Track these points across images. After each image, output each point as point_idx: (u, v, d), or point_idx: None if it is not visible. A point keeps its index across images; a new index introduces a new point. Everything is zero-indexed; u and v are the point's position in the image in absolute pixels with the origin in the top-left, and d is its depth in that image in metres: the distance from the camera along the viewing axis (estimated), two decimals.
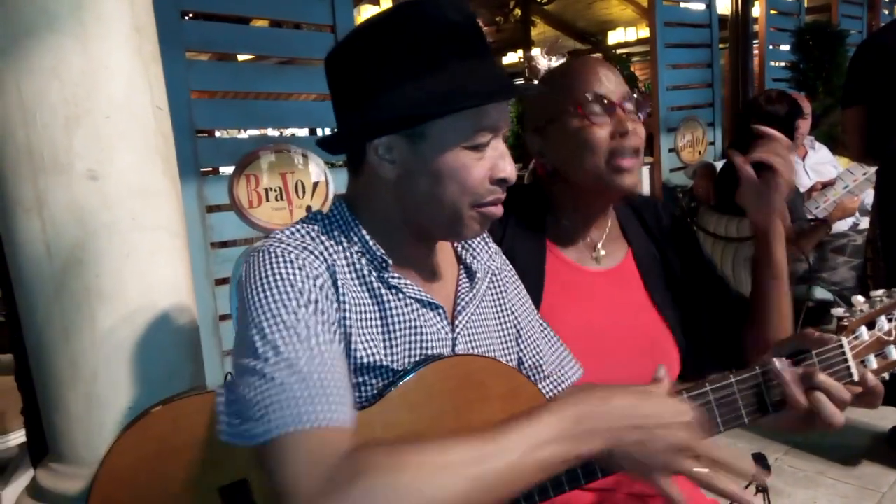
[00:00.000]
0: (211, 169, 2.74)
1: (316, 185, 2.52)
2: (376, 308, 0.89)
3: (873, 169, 2.73)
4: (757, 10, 4.97)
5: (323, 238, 0.88)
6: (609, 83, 1.15)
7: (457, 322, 0.96)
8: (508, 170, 0.87)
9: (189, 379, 1.48)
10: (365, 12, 6.68)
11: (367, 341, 0.86)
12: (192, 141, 2.22)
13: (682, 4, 4.57)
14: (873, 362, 0.98)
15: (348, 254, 0.89)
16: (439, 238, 0.97)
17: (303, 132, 3.03)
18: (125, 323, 1.39)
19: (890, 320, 0.99)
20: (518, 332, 1.07)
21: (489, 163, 0.86)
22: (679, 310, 1.27)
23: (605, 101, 1.13)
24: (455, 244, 1.03)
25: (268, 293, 0.78)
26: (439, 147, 0.84)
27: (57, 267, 1.35)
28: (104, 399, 1.40)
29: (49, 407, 1.46)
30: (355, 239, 0.90)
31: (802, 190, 3.31)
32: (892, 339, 0.99)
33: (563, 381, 1.07)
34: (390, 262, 0.90)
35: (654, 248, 1.31)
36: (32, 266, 1.37)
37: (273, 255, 0.82)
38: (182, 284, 1.49)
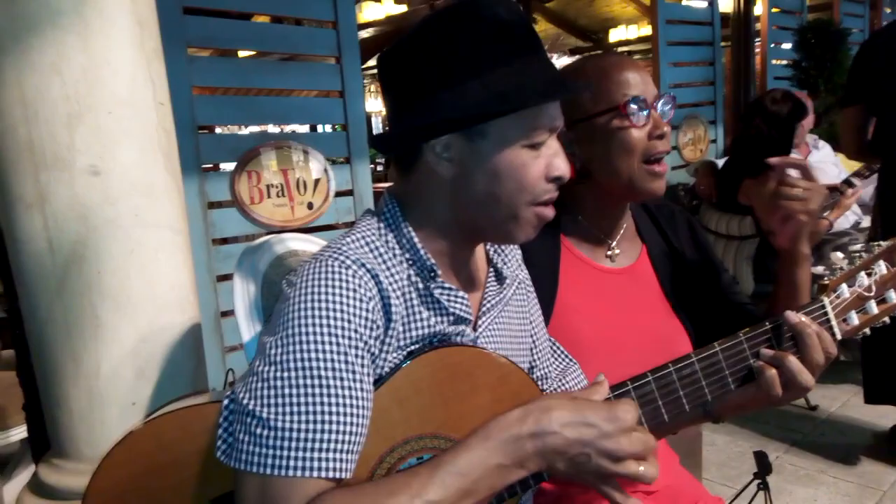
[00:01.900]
0: (212, 165, 2.74)
1: (317, 181, 2.52)
2: (413, 322, 0.88)
3: (873, 176, 2.74)
4: (759, 8, 4.95)
5: (379, 246, 0.88)
6: (645, 84, 1.15)
7: (480, 323, 0.96)
8: (563, 168, 0.87)
9: (191, 375, 1.48)
10: (366, 9, 6.67)
11: (394, 353, 0.86)
12: (193, 137, 2.22)
13: (685, 2, 4.56)
14: (855, 319, 1.00)
15: (400, 260, 0.88)
16: (491, 239, 0.97)
17: (304, 129, 3.02)
18: (127, 319, 1.39)
19: (869, 275, 1.01)
20: (533, 342, 1.08)
21: (545, 161, 0.86)
22: (692, 309, 1.28)
23: (644, 102, 1.13)
24: (487, 247, 1.03)
25: (315, 317, 0.77)
26: (499, 145, 0.84)
27: (59, 263, 1.35)
28: (106, 395, 1.40)
29: (51, 403, 1.46)
30: (406, 245, 0.89)
31: None
32: (872, 294, 1.00)
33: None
34: (439, 272, 0.89)
35: (669, 248, 1.32)
36: (34, 262, 1.37)
37: (331, 273, 0.79)
38: (184, 281, 1.49)
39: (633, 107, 1.12)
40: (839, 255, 1.01)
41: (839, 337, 0.98)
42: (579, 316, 1.16)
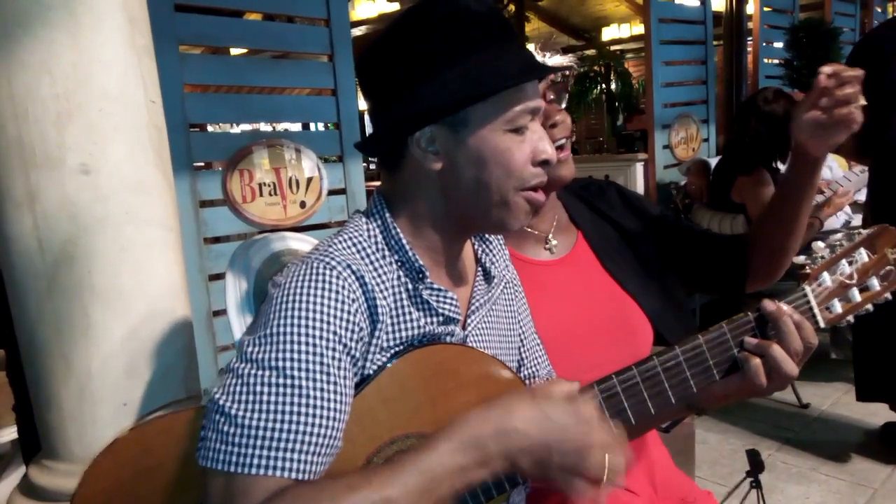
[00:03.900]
0: (204, 164, 2.72)
1: (310, 180, 2.51)
2: (401, 323, 0.88)
3: (864, 176, 2.75)
4: (751, 7, 4.97)
5: (367, 247, 0.88)
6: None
7: (468, 321, 0.96)
8: (549, 151, 0.88)
9: (182, 375, 1.47)
10: (359, 6, 6.64)
11: (379, 354, 0.86)
12: (185, 135, 2.21)
13: (677, 1, 4.57)
14: (837, 307, 1.00)
15: (389, 261, 0.89)
16: (485, 230, 0.98)
17: (296, 127, 3.01)
18: (118, 319, 1.38)
19: (850, 263, 1.01)
20: (521, 341, 1.08)
21: (530, 145, 0.87)
22: (643, 278, 1.29)
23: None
24: (476, 247, 1.03)
25: (294, 318, 0.77)
26: (482, 132, 0.85)
27: (49, 262, 1.34)
28: (97, 395, 1.38)
29: (41, 404, 1.45)
30: (395, 246, 0.90)
31: None
32: (853, 282, 1.01)
33: None
34: (427, 272, 0.89)
35: (608, 226, 1.33)
36: (24, 262, 1.35)
37: (317, 276, 0.80)
38: (176, 280, 1.48)
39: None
40: (820, 244, 1.02)
41: (822, 325, 0.99)
42: (533, 315, 1.16)
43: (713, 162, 3.63)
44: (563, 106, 1.19)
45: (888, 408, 2.73)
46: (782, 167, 3.16)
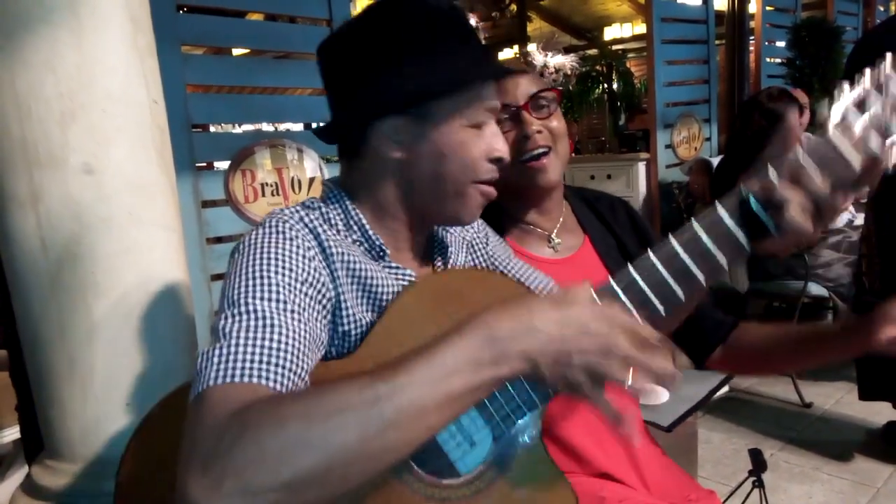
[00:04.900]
0: (206, 164, 2.73)
1: (312, 180, 2.51)
2: (367, 287, 0.89)
3: None
4: (753, 7, 4.97)
5: (322, 224, 0.89)
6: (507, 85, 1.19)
7: None
8: (502, 148, 0.92)
9: (185, 374, 1.47)
10: (360, 5, 6.65)
11: (357, 308, 0.87)
12: (187, 135, 2.21)
13: (679, 0, 4.57)
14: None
15: (347, 241, 0.90)
16: (439, 222, 1.00)
17: (297, 127, 3.02)
18: (121, 318, 1.38)
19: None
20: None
21: (486, 141, 0.91)
22: None
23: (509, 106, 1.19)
24: (437, 230, 1.05)
25: (258, 261, 0.80)
26: (443, 126, 0.88)
27: (52, 262, 1.34)
28: (100, 395, 1.39)
29: (45, 403, 1.45)
30: (354, 228, 0.92)
31: None
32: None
33: None
34: (388, 250, 0.92)
35: (612, 238, 1.34)
36: (27, 261, 1.36)
37: (271, 228, 0.84)
38: (178, 279, 1.48)
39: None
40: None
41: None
42: None
43: (715, 161, 3.63)
44: (549, 115, 1.22)
45: (891, 406, 2.73)
46: None
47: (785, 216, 0.78)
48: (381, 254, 0.92)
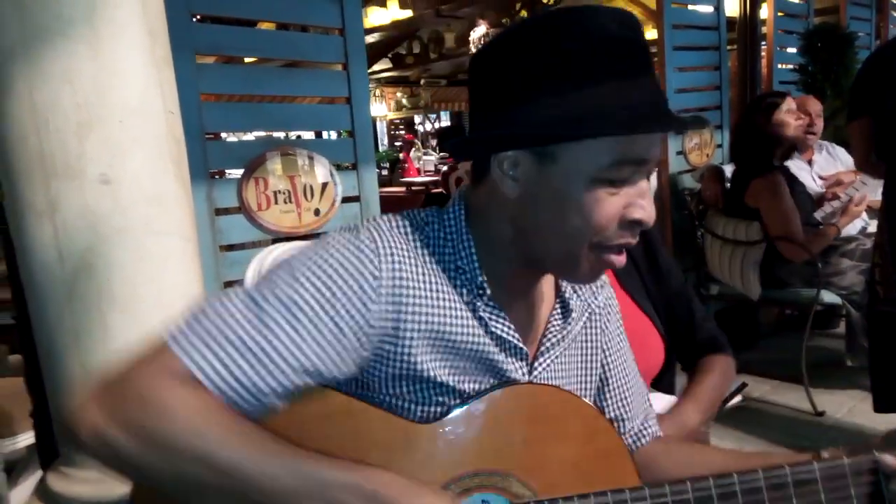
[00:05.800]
0: (219, 172, 2.75)
1: (324, 186, 2.52)
2: (453, 327, 0.81)
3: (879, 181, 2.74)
4: (765, 12, 4.95)
5: (420, 249, 0.81)
6: None
7: (536, 364, 0.88)
8: (647, 211, 0.77)
9: None
10: (371, 14, 6.67)
11: (430, 354, 0.80)
12: (201, 144, 2.22)
13: (691, 7, 4.55)
14: None
15: (449, 266, 0.82)
16: (548, 271, 0.88)
17: (309, 135, 3.04)
18: (136, 327, 1.39)
19: None
20: (604, 380, 0.98)
21: (624, 200, 0.76)
22: (653, 300, 1.33)
23: None
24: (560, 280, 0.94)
25: (319, 267, 0.75)
26: (569, 174, 0.74)
27: (69, 271, 1.35)
28: None
29: (60, 409, 1.46)
30: (462, 254, 0.82)
31: (814, 195, 3.32)
32: None
33: (640, 438, 1.00)
34: (489, 291, 0.82)
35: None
36: (44, 270, 1.37)
37: (356, 239, 0.78)
38: (193, 288, 1.50)
39: None
40: None
41: None
42: None
43: (727, 168, 3.62)
44: None
45: None
46: (787, 163, 3.16)
47: None
48: (481, 291, 0.82)
